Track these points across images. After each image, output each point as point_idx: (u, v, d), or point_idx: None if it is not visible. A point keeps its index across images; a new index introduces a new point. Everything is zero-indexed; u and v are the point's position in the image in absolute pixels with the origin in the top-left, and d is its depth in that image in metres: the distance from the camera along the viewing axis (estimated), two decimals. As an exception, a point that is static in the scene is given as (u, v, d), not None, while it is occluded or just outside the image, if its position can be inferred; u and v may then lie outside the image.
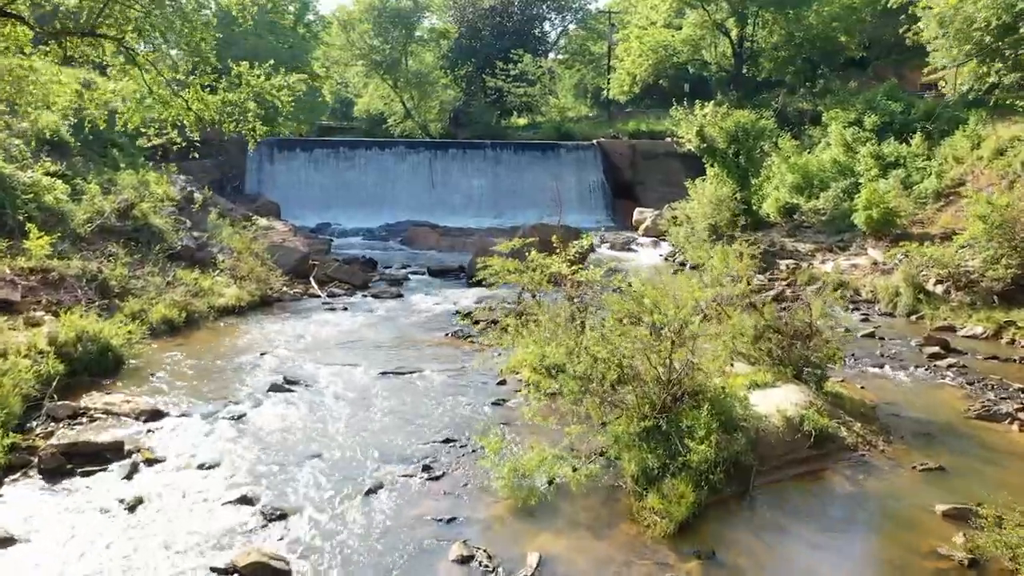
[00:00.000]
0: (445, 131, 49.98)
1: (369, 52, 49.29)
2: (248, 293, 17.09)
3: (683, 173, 33.26)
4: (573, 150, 33.26)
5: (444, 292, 18.90)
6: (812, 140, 29.24)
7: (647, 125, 37.33)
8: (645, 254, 25.76)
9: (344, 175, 30.75)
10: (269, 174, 30.28)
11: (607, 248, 26.64)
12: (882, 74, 39.79)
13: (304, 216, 29.48)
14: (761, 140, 25.14)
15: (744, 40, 37.41)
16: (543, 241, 21.09)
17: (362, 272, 20.26)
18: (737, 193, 23.96)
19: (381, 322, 15.71)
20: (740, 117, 24.73)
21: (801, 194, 25.55)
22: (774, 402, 9.44)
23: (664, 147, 33.92)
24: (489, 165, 32.09)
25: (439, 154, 31.80)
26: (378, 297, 18.20)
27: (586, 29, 56.58)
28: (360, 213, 30.03)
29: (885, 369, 12.65)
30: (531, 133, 42.53)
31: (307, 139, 33.08)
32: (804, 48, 35.83)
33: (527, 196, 31.93)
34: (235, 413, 10.03)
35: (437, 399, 10.79)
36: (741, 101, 35.84)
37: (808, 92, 33.99)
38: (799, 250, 21.82)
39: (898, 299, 16.88)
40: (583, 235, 12.99)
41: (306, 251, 20.70)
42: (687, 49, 36.70)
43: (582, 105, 56.62)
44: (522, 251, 12.65)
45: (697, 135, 25.05)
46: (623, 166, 33.52)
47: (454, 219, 30.28)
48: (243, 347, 13.45)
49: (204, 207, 23.71)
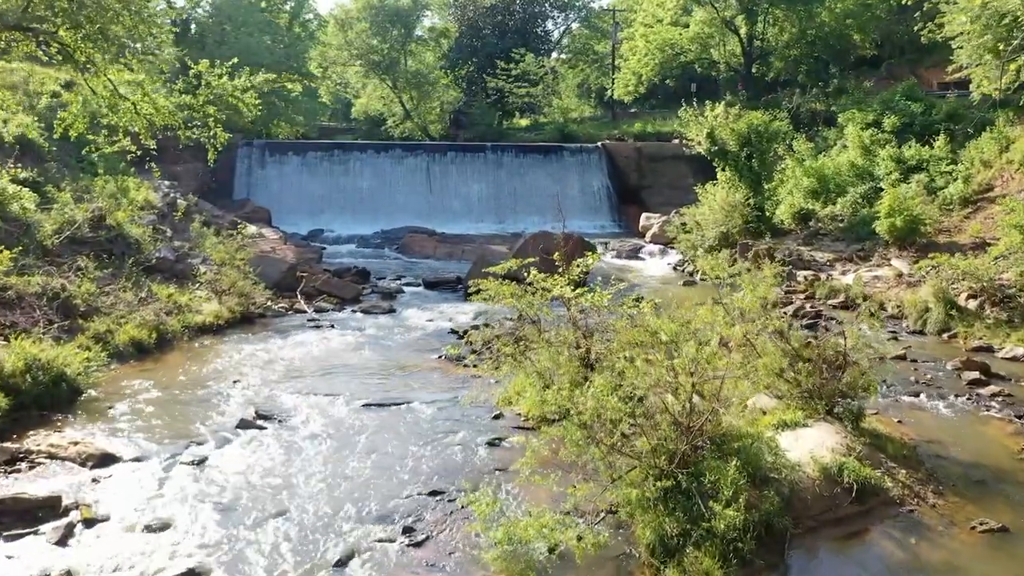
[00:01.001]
0: (445, 132, 49.00)
1: (367, 52, 48.29)
2: (228, 309, 16.02)
3: (691, 176, 32.21)
4: (577, 153, 32.17)
5: (439, 307, 17.81)
6: (827, 142, 28.09)
7: (653, 126, 36.22)
8: (653, 263, 24.64)
9: (338, 179, 29.70)
10: (260, 178, 29.23)
11: (613, 256, 25.54)
12: (896, 73, 38.66)
13: (296, 222, 28.45)
14: (775, 143, 24.02)
15: (753, 38, 36.28)
16: (545, 250, 20.02)
17: (353, 285, 19.18)
18: (750, 199, 22.87)
19: (369, 342, 14.61)
20: (753, 119, 23.62)
21: (817, 199, 24.41)
22: (807, 447, 8.33)
23: (671, 149, 32.84)
24: (489, 169, 31.01)
25: (437, 157, 30.73)
26: (368, 313, 17.11)
27: (590, 28, 55.53)
28: (355, 219, 28.98)
29: (921, 398, 11.52)
30: (533, 134, 41.46)
31: (299, 142, 32.05)
32: (816, 46, 34.70)
33: (529, 201, 30.87)
34: (197, 456, 8.95)
35: (425, 438, 9.69)
36: (750, 101, 34.76)
37: (821, 92, 32.85)
38: (817, 260, 20.68)
39: (928, 315, 15.73)
40: (589, 254, 11.78)
41: (293, 262, 19.63)
42: (695, 48, 35.59)
43: (586, 105, 55.56)
44: (520, 270, 11.50)
45: (707, 138, 23.94)
46: (629, 169, 32.42)
47: (453, 225, 29.20)
48: (216, 373, 12.37)
49: (188, 215, 22.66)
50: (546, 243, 20.24)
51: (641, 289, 19.84)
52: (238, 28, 41.87)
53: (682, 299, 19.31)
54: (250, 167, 29.40)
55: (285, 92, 45.77)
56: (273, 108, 41.31)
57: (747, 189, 23.16)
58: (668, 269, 23.60)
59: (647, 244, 26.69)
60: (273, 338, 14.77)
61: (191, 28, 34.45)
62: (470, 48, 50.20)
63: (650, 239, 26.98)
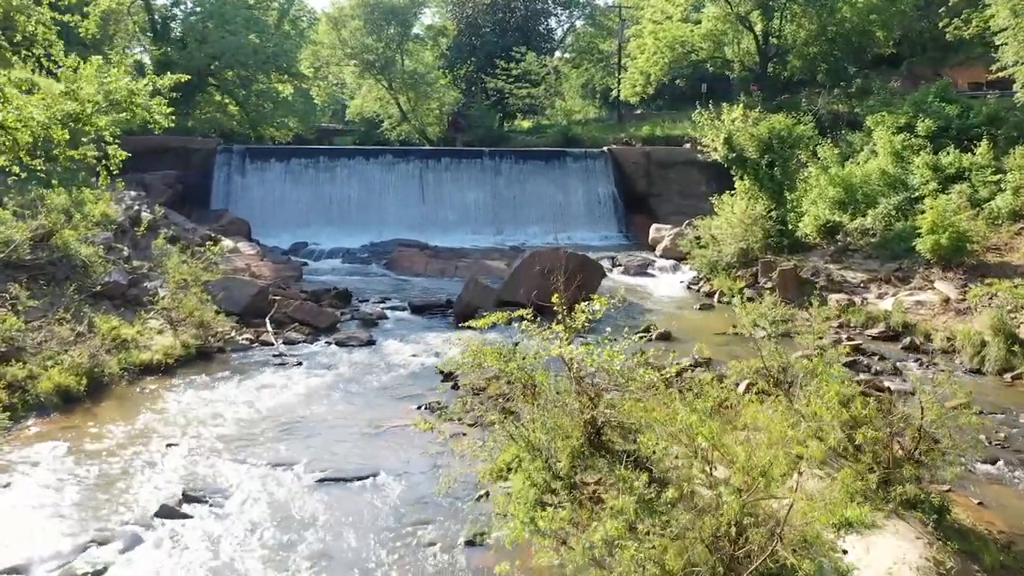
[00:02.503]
0: (444, 135, 47.16)
1: (361, 51, 46.50)
2: (183, 344, 14.13)
3: (703, 184, 30.30)
4: (581, 158, 30.24)
5: (425, 337, 15.87)
6: (852, 148, 26.09)
7: (662, 129, 34.26)
8: (664, 281, 22.68)
9: (324, 188, 27.82)
10: (239, 187, 27.37)
11: (620, 272, 23.59)
12: (917, 73, 36.70)
13: (278, 235, 26.55)
14: (798, 149, 22.06)
15: (769, 35, 34.31)
16: (546, 271, 18.08)
17: (329, 311, 17.27)
18: (772, 211, 20.91)
19: (340, 386, 12.69)
20: (775, 123, 21.66)
21: (844, 211, 22.43)
22: (884, 563, 6.38)
23: (682, 154, 30.91)
24: (487, 176, 29.11)
25: (431, 164, 28.83)
26: (344, 345, 15.18)
27: (595, 25, 53.62)
28: (341, 231, 27.08)
29: (999, 467, 9.58)
30: (535, 137, 39.56)
31: (282, 147, 30.20)
32: (837, 44, 32.70)
33: (529, 210, 28.98)
34: (95, 566, 7.04)
35: (389, 532, 7.78)
36: (765, 102, 32.81)
37: (843, 93, 30.86)
38: (849, 281, 18.71)
39: (985, 351, 13.78)
40: (596, 298, 9.79)
41: (265, 284, 17.72)
42: (707, 45, 33.62)
43: (590, 106, 53.66)
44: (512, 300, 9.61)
45: (724, 144, 21.99)
46: (636, 176, 30.48)
47: (447, 237, 27.29)
48: (150, 431, 10.45)
49: (153, 229, 20.71)
50: (547, 262, 18.31)
51: (654, 316, 17.92)
52: (222, 26, 40.09)
53: (700, 328, 17.43)
54: (229, 175, 27.53)
55: (275, 93, 44.13)
56: (262, 111, 39.62)
57: (768, 200, 21.20)
58: (681, 288, 21.64)
59: (657, 259, 24.73)
60: (228, 381, 12.85)
61: (172, 27, 32.57)
62: (469, 47, 48.33)
63: (661, 253, 25.03)
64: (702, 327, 16.69)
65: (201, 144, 27.74)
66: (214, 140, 28.26)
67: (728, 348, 14.70)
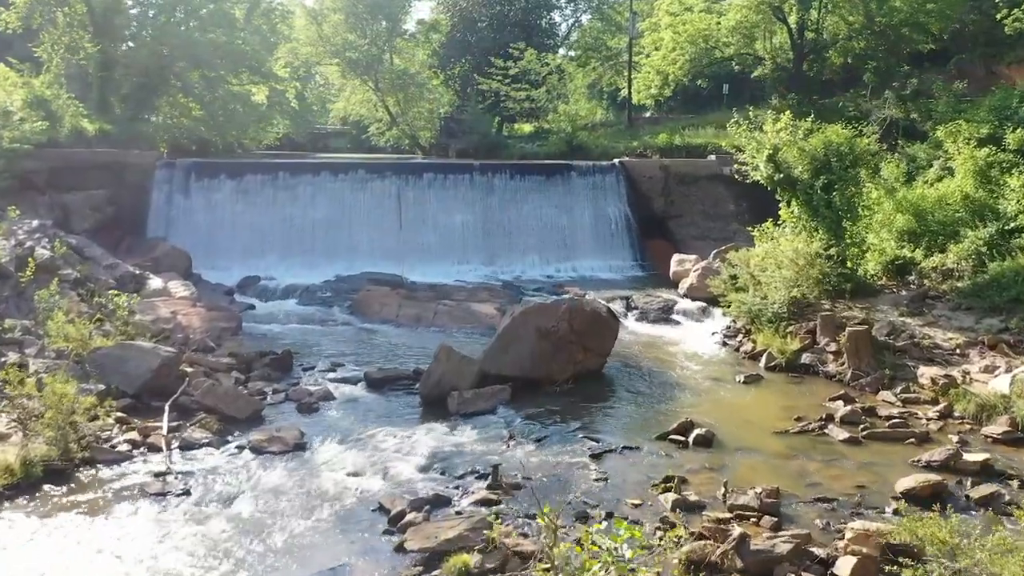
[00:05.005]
0: (437, 141, 43.23)
1: (344, 48, 42.53)
2: (25, 458, 10.07)
3: (732, 202, 26.31)
4: (588, 173, 26.16)
5: (377, 436, 11.78)
6: (915, 163, 21.95)
7: (682, 138, 30.13)
8: (692, 332, 18.56)
9: (284, 210, 23.80)
10: (182, 210, 23.37)
11: (636, 319, 19.51)
12: (968, 72, 32.58)
13: (227, 267, 22.55)
14: (859, 167, 17.92)
15: (804, 29, 30.14)
16: (545, 332, 14.04)
17: (256, 392, 13.22)
18: (830, 246, 16.78)
19: (228, 542, 8.60)
20: (832, 135, 17.54)
21: (916, 244, 18.32)
22: None
23: (706, 168, 26.82)
24: (477, 194, 25.05)
25: (411, 180, 24.77)
26: (261, 452, 11.12)
27: (603, 19, 49.56)
28: (303, 263, 23.08)
29: None
30: (536, 145, 35.47)
31: (236, 162, 26.17)
32: (887, 38, 28.53)
33: (527, 236, 24.94)
34: None
35: None
36: (801, 107, 28.71)
37: (895, 95, 26.72)
38: (939, 345, 14.55)
39: None
40: (635, 531, 5.64)
41: (172, 353, 13.61)
42: (736, 40, 29.46)
43: (598, 108, 49.59)
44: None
45: (768, 161, 17.87)
46: (653, 194, 26.40)
47: (429, 269, 23.25)
48: None
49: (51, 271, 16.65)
50: (545, 321, 14.35)
51: (684, 393, 13.80)
52: (185, 21, 36.10)
53: (751, 419, 13.20)
54: (170, 195, 23.47)
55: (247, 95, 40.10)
56: (230, 116, 35.64)
57: (825, 233, 17.09)
58: (714, 343, 17.52)
59: (681, 299, 20.61)
60: (65, 527, 8.82)
61: (115, 21, 28.52)
62: (463, 44, 44.32)
63: (685, 292, 20.88)
64: (753, 418, 12.57)
65: (138, 159, 23.72)
66: (153, 154, 24.26)
67: (800, 463, 10.66)
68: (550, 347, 14.08)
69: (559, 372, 14.06)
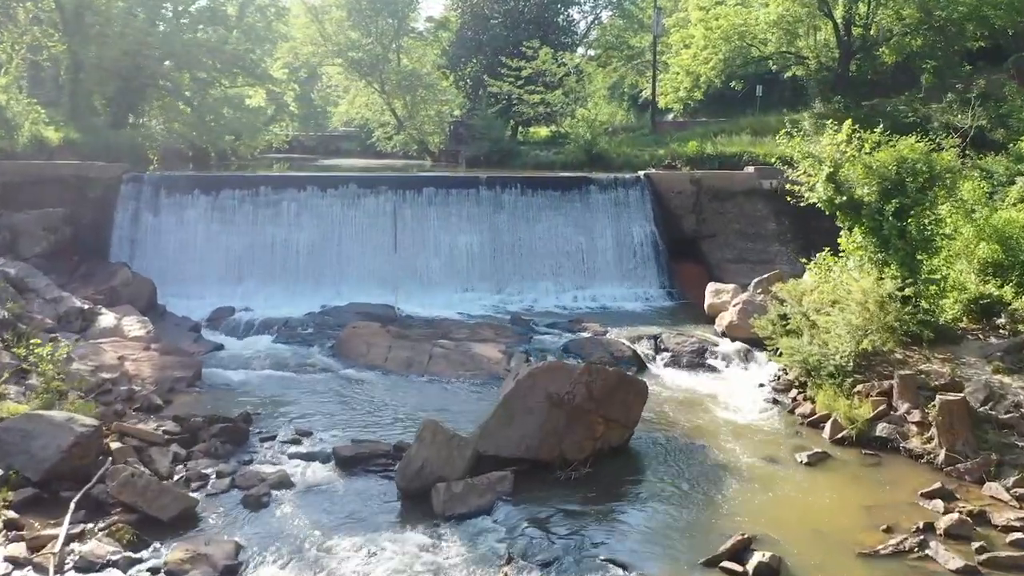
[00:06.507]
0: (445, 147, 40.76)
1: (347, 48, 40.11)
2: None
3: (773, 220, 23.49)
4: (609, 187, 23.36)
5: (338, 549, 9.12)
6: (992, 179, 19.01)
7: (714, 146, 27.29)
8: (734, 382, 15.75)
9: (264, 230, 21.22)
10: (149, 230, 20.87)
11: (666, 363, 16.74)
12: (1027, 72, 29.60)
13: (199, 295, 20.09)
14: (938, 187, 15.02)
15: (852, 24, 27.19)
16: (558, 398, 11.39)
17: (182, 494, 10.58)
18: (905, 285, 13.90)
19: None
20: (905, 149, 14.66)
21: (1004, 279, 15.40)
22: None
23: (743, 181, 24.00)
24: (484, 211, 22.34)
25: (409, 196, 22.09)
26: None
27: (624, 16, 46.81)
28: (285, 291, 20.57)
29: None
30: (552, 153, 32.76)
31: (209, 176, 23.64)
32: (946, 33, 25.55)
33: (541, 259, 22.21)
34: None
35: None
36: (847, 110, 25.89)
37: (958, 99, 23.74)
38: (1056, 417, 11.65)
39: None
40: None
41: (90, 428, 10.97)
42: (776, 36, 26.54)
43: (619, 111, 46.81)
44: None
45: (828, 181, 15.01)
46: (683, 211, 23.58)
47: (428, 298, 20.66)
48: None
49: (-27, 311, 14.19)
50: (556, 386, 11.62)
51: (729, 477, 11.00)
52: (175, 18, 33.79)
53: (823, 525, 9.73)
54: (137, 213, 20.93)
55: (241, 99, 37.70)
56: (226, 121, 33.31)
57: (899, 268, 14.22)
58: (762, 398, 14.71)
59: (719, 339, 17.79)
60: None
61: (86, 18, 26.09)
62: (474, 42, 41.75)
63: (724, 330, 18.04)
64: (828, 527, 9.74)
65: (101, 172, 21.23)
66: (118, 166, 21.75)
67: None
68: (563, 419, 11.36)
69: (574, 451, 11.33)
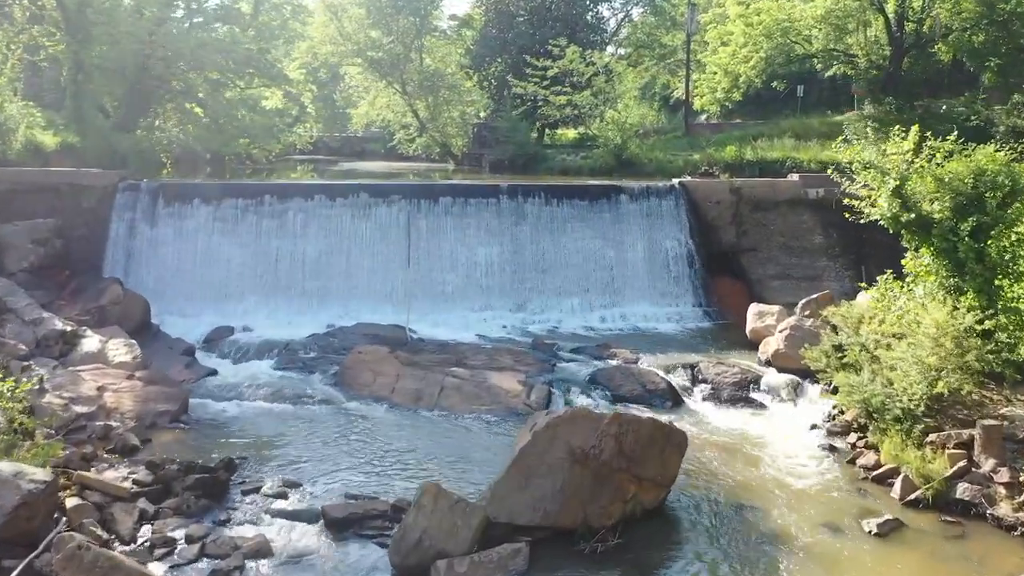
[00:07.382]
0: (469, 151, 39.37)
1: (366, 47, 38.77)
2: None
3: (819, 233, 21.71)
4: (641, 197, 21.66)
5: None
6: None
7: (754, 151, 25.46)
8: (782, 423, 13.99)
9: (268, 243, 19.84)
10: (146, 243, 19.59)
11: (704, 398, 15.04)
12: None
13: (197, 313, 18.79)
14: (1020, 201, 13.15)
15: (904, 19, 25.23)
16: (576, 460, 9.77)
17: (168, 534, 9.14)
18: (986, 318, 12.08)
19: None
20: (985, 159, 12.84)
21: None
22: None
23: (787, 190, 22.16)
24: (505, 223, 20.77)
25: (423, 206, 20.57)
26: None
27: (656, 13, 45.00)
28: (288, 308, 19.21)
29: None
30: (580, 158, 31.16)
31: (210, 183, 22.26)
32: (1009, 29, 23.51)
33: (566, 274, 20.60)
34: None
35: None
36: (899, 112, 23.99)
37: (1025, 100, 21.78)
38: None
39: None
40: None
41: (41, 485, 9.51)
42: (824, 32, 24.64)
43: (650, 112, 44.98)
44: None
45: (893, 196, 13.21)
46: (721, 222, 21.81)
47: (443, 316, 19.18)
48: None
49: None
50: (580, 439, 10.01)
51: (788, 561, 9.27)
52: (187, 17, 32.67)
53: None
54: (133, 224, 19.64)
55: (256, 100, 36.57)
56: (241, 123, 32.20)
57: (977, 296, 12.40)
58: (816, 446, 12.95)
59: (762, 367, 16.04)
60: None
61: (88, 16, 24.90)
62: (499, 41, 40.18)
63: (769, 359, 16.25)
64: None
65: (96, 179, 19.98)
66: (115, 173, 20.49)
67: None
68: (588, 478, 9.73)
69: (600, 517, 9.69)
